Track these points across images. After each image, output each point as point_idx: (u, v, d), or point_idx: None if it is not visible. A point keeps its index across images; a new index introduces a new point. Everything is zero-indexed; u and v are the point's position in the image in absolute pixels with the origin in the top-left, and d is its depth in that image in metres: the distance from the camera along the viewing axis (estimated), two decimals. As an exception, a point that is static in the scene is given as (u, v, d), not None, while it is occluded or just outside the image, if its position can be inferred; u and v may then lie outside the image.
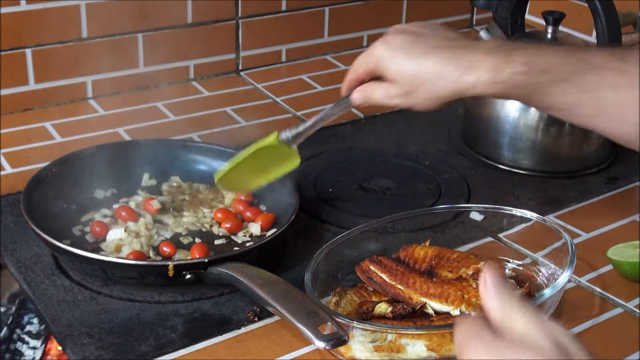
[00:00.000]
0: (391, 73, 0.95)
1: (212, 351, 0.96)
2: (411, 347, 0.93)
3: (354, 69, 1.01)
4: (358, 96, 1.00)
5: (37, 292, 1.04)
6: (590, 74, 0.88)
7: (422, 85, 0.93)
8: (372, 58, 0.97)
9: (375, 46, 0.97)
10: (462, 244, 1.17)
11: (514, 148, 1.37)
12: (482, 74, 0.90)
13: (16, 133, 1.42)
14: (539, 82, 0.89)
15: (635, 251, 1.10)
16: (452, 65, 0.91)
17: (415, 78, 0.93)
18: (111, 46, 1.52)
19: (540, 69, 0.89)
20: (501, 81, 0.90)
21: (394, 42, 0.95)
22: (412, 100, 0.96)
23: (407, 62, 0.94)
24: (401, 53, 0.94)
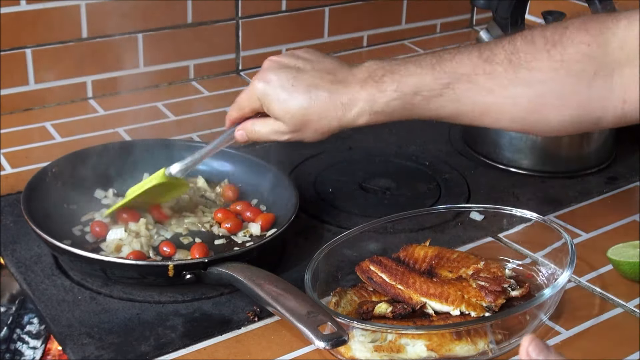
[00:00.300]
0: (276, 113, 0.98)
1: (212, 351, 0.96)
2: (411, 347, 0.93)
3: (237, 106, 1.03)
4: (241, 134, 1.04)
5: (37, 292, 1.04)
6: (461, 84, 0.91)
7: (309, 123, 0.97)
8: (255, 98, 0.99)
9: (255, 84, 0.99)
10: (462, 244, 1.17)
11: (514, 148, 1.37)
12: (361, 108, 0.95)
13: (16, 133, 1.42)
14: (413, 102, 0.93)
15: (635, 251, 1.10)
16: (333, 104, 0.95)
17: (300, 117, 0.96)
18: (111, 46, 1.52)
19: (410, 91, 0.92)
20: (379, 111, 0.95)
21: (274, 81, 0.97)
22: (299, 136, 0.99)
23: (289, 102, 0.96)
24: (283, 93, 0.96)
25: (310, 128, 0.97)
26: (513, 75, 0.89)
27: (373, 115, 0.95)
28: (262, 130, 1.01)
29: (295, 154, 1.39)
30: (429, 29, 1.92)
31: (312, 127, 0.97)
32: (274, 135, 1.00)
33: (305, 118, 0.96)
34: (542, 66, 0.88)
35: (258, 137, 1.02)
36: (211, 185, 1.24)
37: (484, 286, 0.99)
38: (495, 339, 0.95)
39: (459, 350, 0.93)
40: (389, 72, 0.94)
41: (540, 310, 0.98)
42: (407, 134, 1.49)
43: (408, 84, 0.92)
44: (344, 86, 0.95)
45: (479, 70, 0.90)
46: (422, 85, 0.92)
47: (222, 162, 1.26)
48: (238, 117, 1.04)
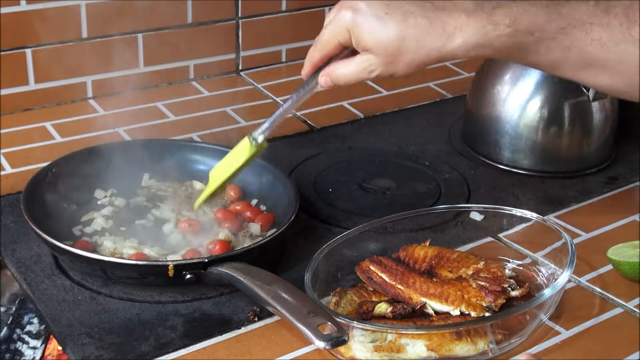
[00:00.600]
0: (367, 43, 0.89)
1: (212, 351, 0.96)
2: (411, 347, 0.93)
3: (321, 44, 0.92)
4: (326, 79, 0.94)
5: (37, 292, 1.04)
6: (575, 31, 0.86)
7: (403, 55, 0.88)
8: (342, 29, 0.89)
9: (342, 15, 0.89)
10: (462, 244, 1.17)
11: (514, 148, 1.37)
12: (467, 39, 0.87)
13: (16, 133, 1.42)
14: (524, 42, 0.87)
15: (635, 251, 1.10)
16: (435, 32, 0.87)
17: (396, 47, 0.88)
18: (111, 46, 1.52)
19: (525, 29, 0.86)
20: (486, 44, 0.87)
21: (364, 9, 0.88)
22: (392, 68, 0.90)
23: (384, 30, 0.87)
24: (375, 21, 0.87)
25: (406, 59, 0.88)
26: (627, 31, 0.84)
27: (479, 49, 0.87)
28: (348, 70, 0.91)
29: (295, 154, 1.39)
30: (429, 29, 1.92)
31: (407, 57, 0.88)
32: (363, 72, 0.90)
33: (402, 48, 0.87)
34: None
35: (345, 79, 0.92)
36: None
37: (484, 286, 0.99)
38: (495, 339, 0.95)
39: (459, 350, 0.93)
40: (502, 5, 0.87)
41: (540, 310, 0.98)
42: (407, 134, 1.49)
43: (523, 21, 0.86)
44: (447, 13, 0.86)
45: (595, 19, 0.85)
46: (537, 25, 0.86)
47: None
48: (321, 57, 0.93)
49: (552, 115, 1.35)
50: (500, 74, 1.37)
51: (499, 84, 1.37)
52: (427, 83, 1.70)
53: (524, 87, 1.35)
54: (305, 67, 0.96)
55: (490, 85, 1.38)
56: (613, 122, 1.40)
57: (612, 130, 1.41)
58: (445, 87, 1.68)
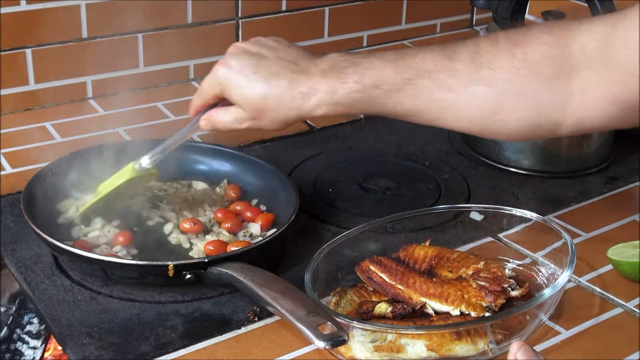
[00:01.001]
0: (235, 99, 0.98)
1: (212, 351, 0.96)
2: (411, 347, 0.93)
3: (200, 93, 1.02)
4: (205, 123, 1.03)
5: (37, 292, 1.04)
6: (421, 80, 0.90)
7: (267, 111, 0.96)
8: (216, 83, 0.99)
9: (217, 69, 0.98)
10: (462, 244, 1.17)
11: (514, 148, 1.37)
12: (320, 99, 0.94)
13: (16, 133, 1.42)
14: (373, 96, 0.92)
15: (635, 251, 1.10)
16: (292, 93, 0.94)
17: (259, 104, 0.96)
18: (111, 46, 1.52)
19: (371, 84, 0.92)
20: (339, 102, 0.94)
21: (236, 66, 0.97)
22: (259, 123, 0.98)
23: (249, 89, 0.96)
24: (243, 79, 0.96)
25: (269, 116, 0.96)
26: (474, 73, 0.88)
27: (332, 106, 0.94)
28: (224, 118, 1.00)
29: (295, 154, 1.39)
30: (429, 29, 1.92)
31: (270, 115, 0.96)
32: (235, 122, 0.99)
33: (264, 106, 0.95)
34: (503, 65, 0.88)
35: (221, 125, 1.01)
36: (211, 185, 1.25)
37: (484, 286, 0.99)
38: (495, 339, 0.95)
39: (459, 350, 0.93)
40: (352, 64, 0.93)
41: (540, 310, 0.98)
42: (407, 134, 1.49)
43: (369, 76, 0.92)
44: (305, 76, 0.94)
45: (441, 67, 0.90)
46: (384, 79, 0.91)
47: (222, 162, 1.26)
48: (201, 105, 1.02)
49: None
50: (500, 74, 1.37)
51: (499, 84, 1.37)
52: (427, 83, 1.69)
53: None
54: (190, 110, 1.04)
55: (490, 85, 1.38)
56: (613, 122, 1.40)
57: (612, 130, 1.41)
58: (445, 87, 1.68)
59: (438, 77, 0.90)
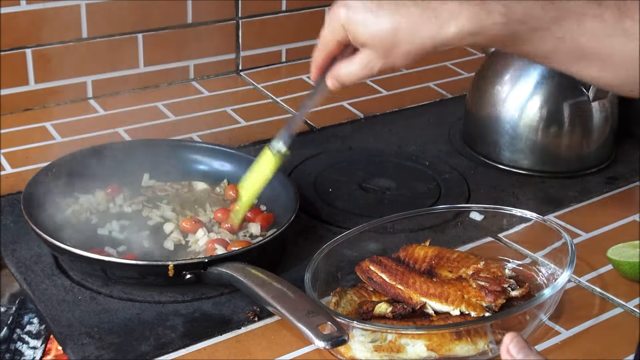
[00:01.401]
0: (362, 38, 0.90)
1: (212, 351, 0.96)
2: (411, 347, 0.93)
3: (322, 44, 0.94)
4: (332, 81, 0.96)
5: (37, 292, 1.04)
6: (568, 22, 0.86)
7: (399, 45, 0.88)
8: (338, 27, 0.91)
9: (336, 13, 0.90)
10: (462, 244, 1.17)
11: (514, 148, 1.37)
12: (460, 27, 0.86)
13: (16, 133, 1.42)
14: (518, 31, 0.87)
15: (635, 251, 1.10)
16: (428, 21, 0.87)
17: (390, 38, 0.88)
18: (111, 46, 1.52)
19: (518, 18, 0.86)
20: (480, 32, 0.86)
21: (357, 4, 0.89)
22: (391, 61, 0.90)
23: (377, 23, 0.88)
24: (368, 14, 0.88)
25: (402, 49, 0.88)
26: (618, 23, 0.85)
27: (473, 37, 0.86)
28: (351, 68, 0.92)
29: (295, 154, 1.39)
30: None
31: (403, 48, 0.88)
32: (365, 69, 0.91)
33: (396, 39, 0.87)
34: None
35: (350, 78, 0.93)
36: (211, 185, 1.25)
37: (484, 286, 0.99)
38: (495, 339, 0.95)
39: (459, 350, 0.93)
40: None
41: (540, 310, 0.98)
42: (407, 134, 1.49)
43: (517, 10, 0.85)
44: (440, 2, 0.86)
45: (588, 10, 0.85)
46: (532, 15, 0.86)
47: (222, 162, 1.26)
48: (324, 57, 0.94)
49: (552, 115, 1.35)
50: (500, 74, 1.37)
51: (499, 84, 1.37)
52: (427, 83, 1.70)
53: (524, 87, 1.35)
54: (312, 70, 0.97)
55: (490, 85, 1.38)
56: (613, 122, 1.40)
57: (612, 130, 1.41)
58: (445, 87, 1.68)
59: (584, 20, 0.85)
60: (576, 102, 1.35)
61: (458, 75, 1.75)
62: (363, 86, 1.66)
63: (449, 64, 1.78)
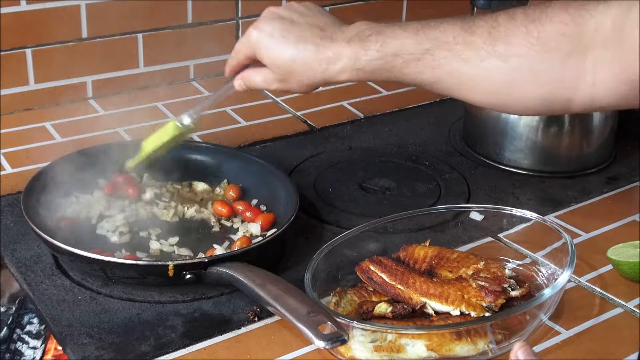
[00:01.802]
0: (265, 61, 1.01)
1: (212, 351, 0.96)
2: (411, 347, 0.93)
3: (234, 54, 1.06)
4: (239, 83, 1.07)
5: (37, 292, 1.04)
6: (440, 51, 0.93)
7: (294, 74, 0.99)
8: (248, 45, 1.02)
9: (250, 32, 1.02)
10: (462, 244, 1.17)
11: (514, 148, 1.37)
12: (344, 64, 0.97)
13: (16, 133, 1.42)
14: (394, 64, 0.95)
15: (635, 251, 1.10)
16: (318, 57, 0.98)
17: (287, 68, 0.99)
18: (111, 46, 1.52)
19: (392, 52, 0.95)
20: (361, 68, 0.97)
21: (267, 30, 1.00)
22: (287, 85, 1.02)
23: (277, 52, 0.99)
24: (273, 43, 0.99)
25: (296, 79, 1.00)
26: (490, 47, 0.91)
27: (355, 72, 0.97)
28: (255, 78, 1.04)
29: (295, 154, 1.39)
30: (429, 29, 1.92)
31: (297, 78, 1.00)
32: (264, 83, 1.03)
33: (292, 69, 0.99)
34: (518, 41, 0.90)
35: (253, 85, 1.05)
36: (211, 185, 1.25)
37: (484, 286, 0.99)
38: (495, 339, 0.95)
39: (459, 350, 0.93)
40: (376, 33, 0.97)
41: (540, 310, 0.98)
42: (407, 134, 1.49)
43: (391, 46, 0.95)
44: (331, 41, 0.98)
45: (459, 39, 0.92)
46: (404, 48, 0.94)
47: (222, 162, 1.26)
48: (235, 65, 1.06)
49: (552, 115, 1.35)
50: (500, 74, 1.37)
51: (499, 84, 1.37)
52: (427, 83, 1.70)
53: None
54: (226, 69, 1.08)
55: (490, 85, 1.38)
56: (613, 122, 1.40)
57: (612, 130, 1.41)
58: (445, 87, 1.68)
59: (456, 49, 0.92)
60: (576, 102, 1.35)
61: (458, 75, 1.74)
62: (363, 86, 1.66)
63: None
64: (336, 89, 1.64)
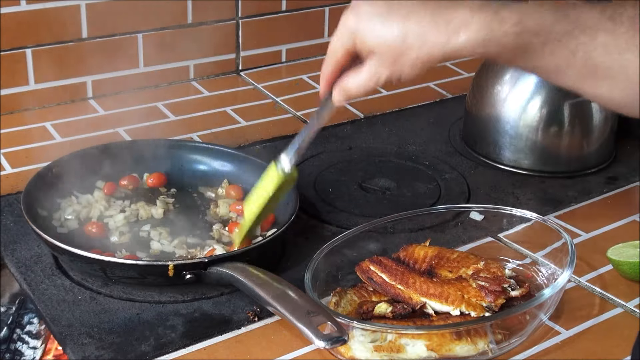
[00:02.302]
0: (370, 44, 0.86)
1: (212, 351, 0.96)
2: (411, 347, 0.93)
3: (330, 56, 0.91)
4: (339, 94, 0.92)
5: (37, 292, 1.04)
6: (581, 35, 0.83)
7: (407, 52, 0.85)
8: (346, 34, 0.88)
9: (345, 21, 0.88)
10: (462, 244, 1.17)
11: (514, 148, 1.37)
12: (472, 36, 0.83)
13: (16, 133, 1.42)
14: (531, 42, 0.83)
15: (635, 251, 1.10)
16: (439, 27, 0.83)
17: (399, 44, 0.85)
18: (111, 46, 1.52)
19: (532, 29, 0.82)
20: (491, 42, 0.83)
21: (366, 11, 0.86)
22: (399, 70, 0.87)
23: (386, 28, 0.85)
24: (377, 22, 0.85)
25: (410, 58, 0.85)
26: (631, 39, 0.82)
27: (482, 47, 0.83)
28: (357, 80, 0.89)
29: (295, 154, 1.39)
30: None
31: (411, 56, 0.85)
32: (372, 79, 0.88)
33: (404, 46, 0.84)
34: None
35: (357, 90, 0.90)
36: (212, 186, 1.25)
37: (484, 286, 0.99)
38: (495, 339, 0.95)
39: (459, 350, 0.93)
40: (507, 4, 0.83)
41: (540, 310, 0.98)
42: (407, 134, 1.49)
43: (530, 21, 0.82)
44: (452, 10, 0.83)
45: (602, 25, 0.83)
46: (544, 26, 0.82)
47: (222, 162, 1.26)
48: (333, 69, 0.91)
49: (552, 115, 1.35)
50: (500, 74, 1.37)
51: (499, 84, 1.37)
52: (427, 83, 1.70)
53: (524, 87, 1.35)
54: (321, 85, 0.94)
55: (490, 85, 1.38)
56: (613, 122, 1.40)
57: (612, 130, 1.41)
58: (445, 87, 1.68)
59: (598, 35, 0.82)
60: (576, 102, 1.35)
61: (458, 75, 1.75)
62: (363, 86, 1.66)
63: (449, 64, 1.78)
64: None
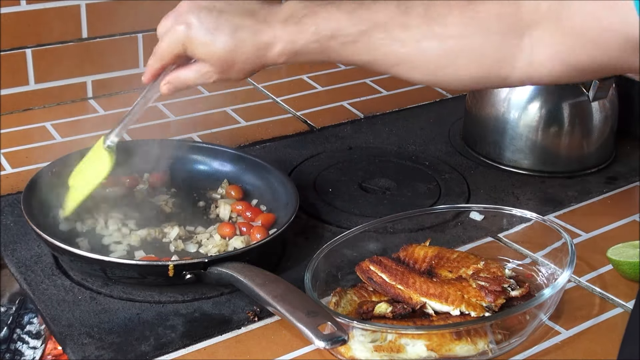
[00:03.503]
0: (201, 56, 0.97)
1: (212, 351, 0.96)
2: (411, 347, 0.93)
3: (158, 56, 1.00)
4: (168, 86, 1.02)
5: (37, 292, 1.04)
6: (376, 32, 0.91)
7: (234, 64, 0.97)
8: (177, 43, 0.97)
9: (175, 29, 0.97)
10: (462, 244, 1.17)
11: (514, 148, 1.38)
12: (282, 48, 0.94)
13: (16, 133, 1.42)
14: (330, 46, 0.93)
15: (635, 251, 1.10)
16: (256, 44, 0.95)
17: (227, 59, 0.96)
18: (111, 46, 1.52)
19: (327, 34, 0.93)
20: (298, 51, 0.94)
21: (196, 24, 0.96)
22: (226, 76, 0.99)
23: (214, 45, 0.95)
24: (207, 36, 0.95)
25: (236, 68, 0.97)
26: (426, 29, 0.90)
27: (292, 56, 0.95)
28: (189, 76, 1.00)
29: (295, 154, 1.39)
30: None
31: (237, 67, 0.97)
32: (202, 78, 0.99)
33: (231, 59, 0.96)
34: (455, 22, 0.89)
35: (186, 84, 1.01)
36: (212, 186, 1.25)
37: (484, 286, 0.99)
38: (495, 339, 0.95)
39: (459, 350, 0.93)
40: (311, 13, 0.94)
41: (540, 310, 0.98)
42: (407, 134, 1.49)
43: (326, 28, 0.93)
44: (266, 25, 0.95)
45: (395, 21, 0.91)
46: (340, 30, 0.93)
47: (222, 162, 1.26)
48: (159, 67, 1.01)
49: (552, 115, 1.35)
50: (500, 74, 1.37)
51: (499, 84, 1.37)
52: (427, 83, 1.70)
53: (524, 87, 1.35)
54: (146, 74, 1.03)
55: (490, 85, 1.38)
56: (613, 122, 1.40)
57: (612, 130, 1.41)
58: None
59: (392, 30, 0.91)
60: (576, 102, 1.35)
61: (458, 75, 1.74)
62: (363, 86, 1.66)
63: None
64: (336, 89, 1.64)
